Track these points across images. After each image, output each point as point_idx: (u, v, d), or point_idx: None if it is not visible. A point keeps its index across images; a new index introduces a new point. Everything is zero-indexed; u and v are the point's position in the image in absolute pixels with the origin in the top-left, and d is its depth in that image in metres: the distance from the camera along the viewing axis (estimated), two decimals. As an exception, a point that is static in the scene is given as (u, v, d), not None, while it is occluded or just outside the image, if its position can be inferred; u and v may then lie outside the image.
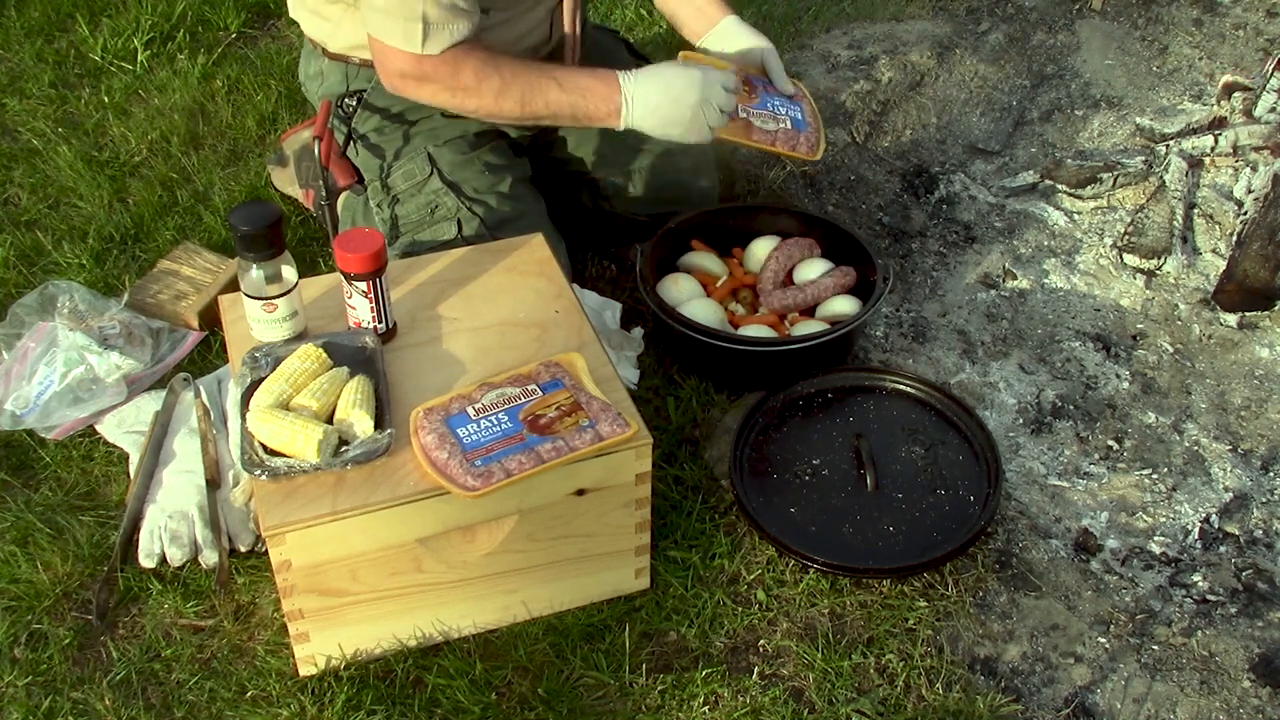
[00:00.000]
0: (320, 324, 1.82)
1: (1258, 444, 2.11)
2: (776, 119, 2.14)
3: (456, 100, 1.96)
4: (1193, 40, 3.12)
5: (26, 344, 2.11)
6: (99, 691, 1.69)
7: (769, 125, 2.12)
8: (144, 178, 2.61)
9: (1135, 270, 2.43)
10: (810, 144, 2.15)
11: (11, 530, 1.90)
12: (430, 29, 1.88)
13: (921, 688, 1.70)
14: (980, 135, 2.82)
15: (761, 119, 2.12)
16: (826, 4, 3.18)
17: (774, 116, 2.14)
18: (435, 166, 2.13)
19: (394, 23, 1.88)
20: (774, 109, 2.16)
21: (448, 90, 1.95)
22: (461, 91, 1.94)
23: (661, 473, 1.96)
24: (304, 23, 2.19)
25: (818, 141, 2.17)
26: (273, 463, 1.57)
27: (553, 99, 1.95)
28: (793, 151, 2.12)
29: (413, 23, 1.87)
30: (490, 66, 1.93)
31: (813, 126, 2.19)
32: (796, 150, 2.12)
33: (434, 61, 1.91)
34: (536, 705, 1.67)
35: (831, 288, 2.19)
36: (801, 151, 2.13)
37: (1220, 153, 2.56)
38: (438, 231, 2.11)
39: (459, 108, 1.99)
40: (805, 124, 2.17)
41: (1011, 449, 2.08)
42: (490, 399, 1.66)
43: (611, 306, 2.17)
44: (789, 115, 2.16)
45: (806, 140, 2.14)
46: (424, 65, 1.91)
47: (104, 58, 2.96)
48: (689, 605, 1.80)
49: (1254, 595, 1.85)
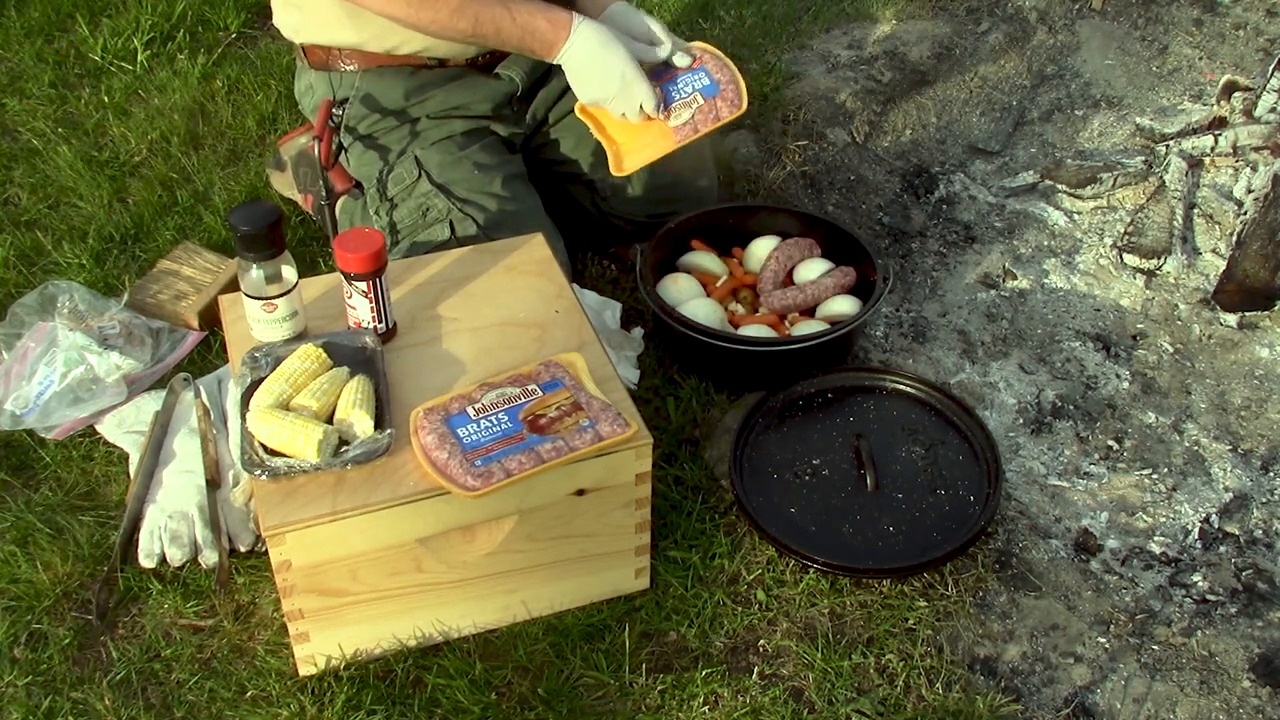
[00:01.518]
0: (320, 324, 1.82)
1: (1258, 444, 2.11)
2: (687, 104, 2.08)
3: (411, 10, 1.96)
4: (1193, 40, 3.12)
5: (26, 344, 2.11)
6: (99, 691, 1.69)
7: (684, 115, 2.07)
8: (144, 178, 2.61)
9: (1135, 270, 2.43)
10: (730, 101, 2.08)
11: (11, 530, 1.90)
12: None
13: (921, 688, 1.70)
14: (980, 135, 2.82)
15: (676, 114, 2.07)
16: (826, 4, 3.18)
17: (683, 104, 2.08)
18: (422, 169, 2.13)
19: None
20: (681, 95, 2.10)
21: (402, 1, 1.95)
22: (418, 2, 1.95)
23: (661, 473, 1.96)
24: (280, 22, 2.18)
25: (736, 93, 2.09)
26: (273, 463, 1.57)
27: (504, 28, 1.99)
28: (715, 123, 2.06)
29: None
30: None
31: (724, 80, 2.10)
32: (720, 119, 2.07)
33: None
34: (536, 705, 1.67)
35: (831, 288, 2.19)
36: (725, 116, 2.07)
37: (1220, 153, 2.56)
38: (432, 234, 2.10)
39: (414, 19, 1.98)
40: (715, 86, 2.10)
41: (1011, 449, 2.08)
42: (490, 399, 1.66)
43: (611, 306, 2.17)
44: (696, 90, 2.09)
45: (724, 101, 2.08)
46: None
47: (104, 58, 2.96)
48: (689, 605, 1.80)
49: (1254, 595, 1.85)
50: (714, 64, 2.12)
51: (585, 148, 2.27)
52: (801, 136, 2.71)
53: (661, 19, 2.20)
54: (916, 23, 3.12)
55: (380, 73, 2.13)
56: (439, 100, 2.16)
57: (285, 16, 2.17)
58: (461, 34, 2.00)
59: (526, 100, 2.27)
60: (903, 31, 3.08)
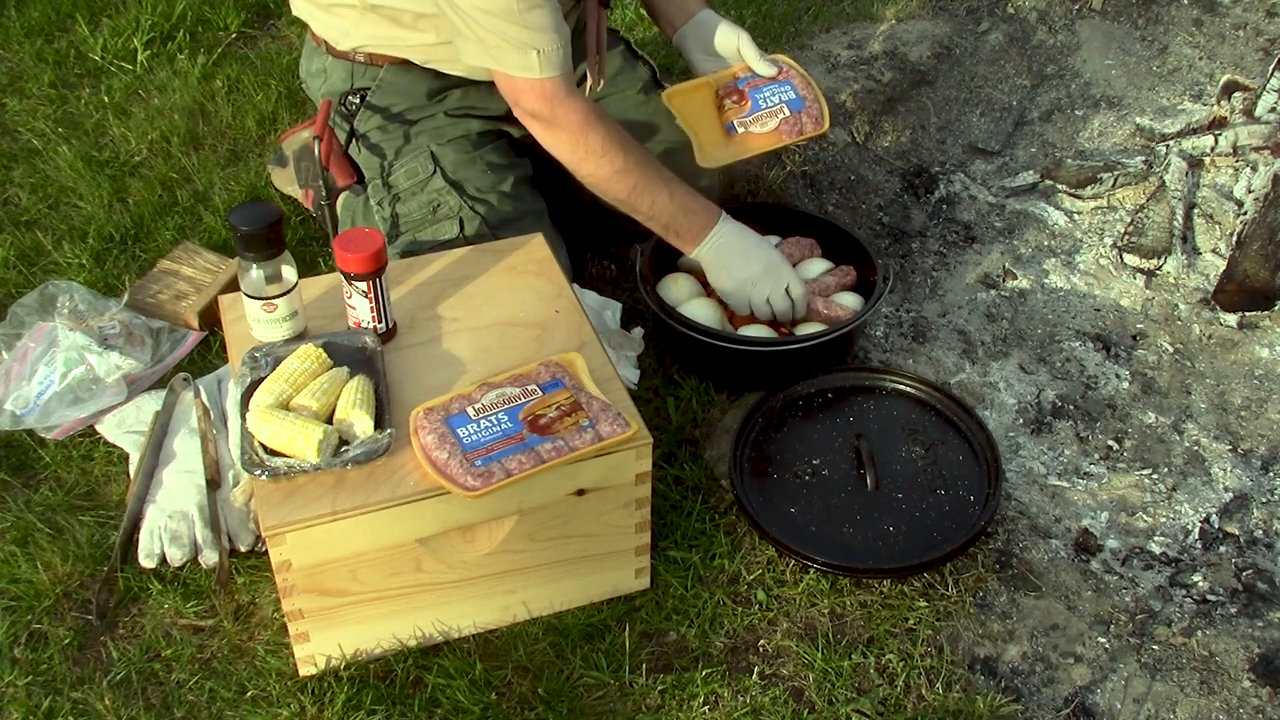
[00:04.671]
0: (320, 324, 1.82)
1: (1258, 444, 2.11)
2: (772, 113, 2.15)
3: (577, 157, 1.97)
4: (1193, 40, 3.11)
5: (26, 344, 2.11)
6: (99, 691, 1.69)
7: (769, 124, 2.12)
8: (144, 178, 2.61)
9: (1135, 270, 2.43)
10: (814, 118, 2.15)
11: (11, 530, 1.90)
12: (542, 56, 1.88)
13: (921, 688, 1.70)
14: (980, 135, 2.82)
15: (760, 122, 2.12)
16: (826, 4, 3.18)
17: (769, 113, 2.15)
18: (438, 165, 2.13)
19: (507, 53, 1.89)
20: (767, 103, 2.16)
21: (571, 145, 1.96)
22: (585, 151, 1.96)
23: (661, 473, 1.96)
24: (312, 20, 2.18)
25: (820, 111, 2.17)
26: (273, 463, 1.57)
27: (659, 203, 2.00)
28: (799, 136, 2.13)
29: (526, 51, 1.87)
30: (618, 144, 1.96)
31: (809, 97, 2.18)
32: (804, 133, 2.13)
33: (566, 109, 1.92)
34: (536, 705, 1.67)
35: (831, 287, 2.19)
36: (809, 131, 2.13)
37: (1220, 153, 2.56)
38: (439, 230, 2.11)
39: (575, 166, 2.00)
40: (801, 101, 2.17)
41: (1011, 449, 2.08)
42: (490, 399, 1.66)
43: (611, 306, 2.17)
44: (782, 101, 2.16)
45: (809, 117, 2.14)
46: (556, 110, 1.92)
47: (104, 58, 2.96)
48: (689, 605, 1.80)
49: (1254, 595, 1.85)
50: (799, 79, 2.22)
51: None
52: (801, 136, 2.72)
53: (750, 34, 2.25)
54: (916, 23, 3.12)
55: (405, 68, 2.13)
56: (457, 98, 2.17)
57: (323, 23, 2.15)
58: (614, 198, 2.01)
59: None
60: (903, 31, 3.08)
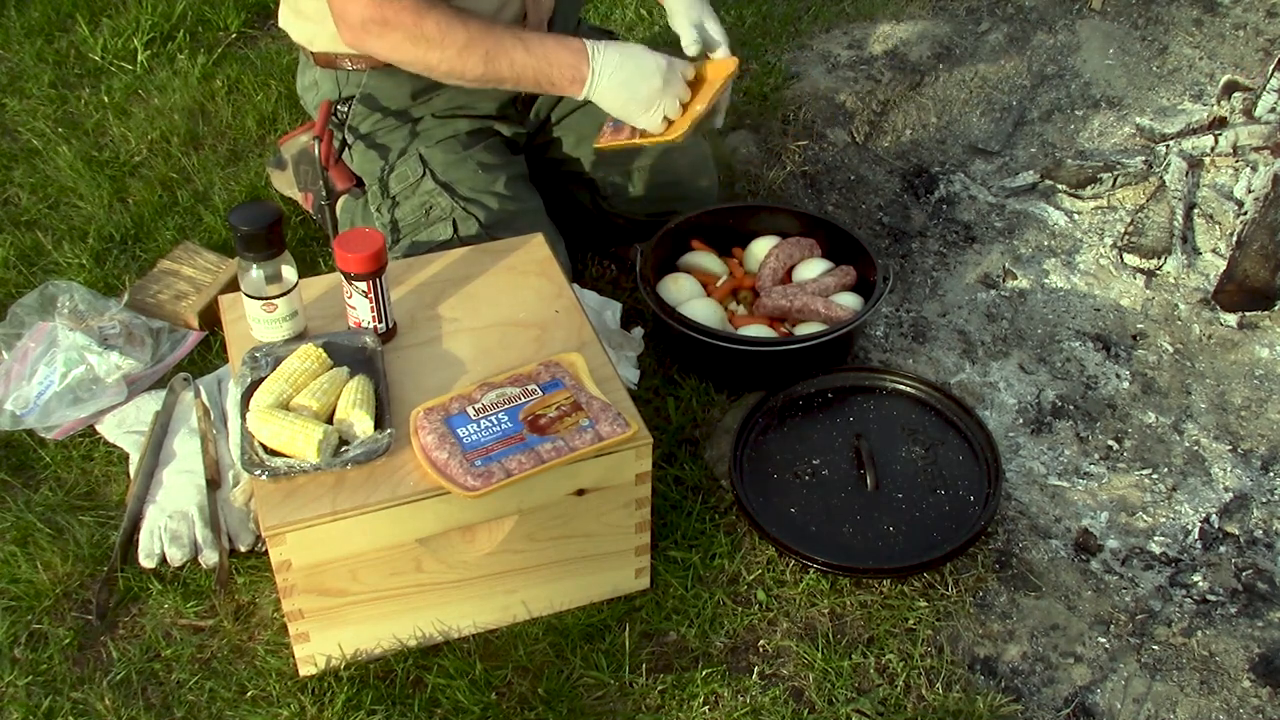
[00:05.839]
0: (320, 324, 1.82)
1: (1258, 444, 2.11)
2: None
3: (419, 51, 1.91)
4: (1193, 40, 3.11)
5: (26, 344, 2.11)
6: (99, 691, 1.69)
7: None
8: (144, 178, 2.61)
9: (1135, 270, 2.43)
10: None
11: (11, 530, 1.90)
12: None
13: (921, 688, 1.70)
14: (980, 135, 2.82)
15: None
16: (826, 4, 3.18)
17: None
18: (427, 167, 2.13)
19: None
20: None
21: (410, 39, 1.89)
22: (425, 42, 1.89)
23: (661, 473, 1.96)
24: (288, 26, 2.18)
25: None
26: (273, 463, 1.57)
27: (518, 60, 1.91)
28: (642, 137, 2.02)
29: None
30: (456, 20, 1.88)
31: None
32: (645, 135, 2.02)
33: (395, 6, 1.86)
34: (536, 705, 1.67)
35: (831, 287, 2.19)
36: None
37: (1220, 153, 2.56)
38: (434, 232, 2.11)
39: (421, 61, 1.93)
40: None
41: (1011, 449, 2.08)
42: (490, 399, 1.66)
43: (611, 306, 2.17)
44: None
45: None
46: (385, 10, 1.86)
47: (104, 58, 2.96)
48: (689, 605, 1.80)
49: (1254, 595, 1.85)
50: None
51: (586, 147, 2.27)
52: (801, 136, 2.72)
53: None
54: (916, 23, 3.12)
55: (388, 72, 2.13)
56: (444, 99, 2.16)
57: (299, 28, 2.16)
58: (474, 75, 1.93)
59: (530, 100, 2.27)
60: (903, 31, 3.08)
